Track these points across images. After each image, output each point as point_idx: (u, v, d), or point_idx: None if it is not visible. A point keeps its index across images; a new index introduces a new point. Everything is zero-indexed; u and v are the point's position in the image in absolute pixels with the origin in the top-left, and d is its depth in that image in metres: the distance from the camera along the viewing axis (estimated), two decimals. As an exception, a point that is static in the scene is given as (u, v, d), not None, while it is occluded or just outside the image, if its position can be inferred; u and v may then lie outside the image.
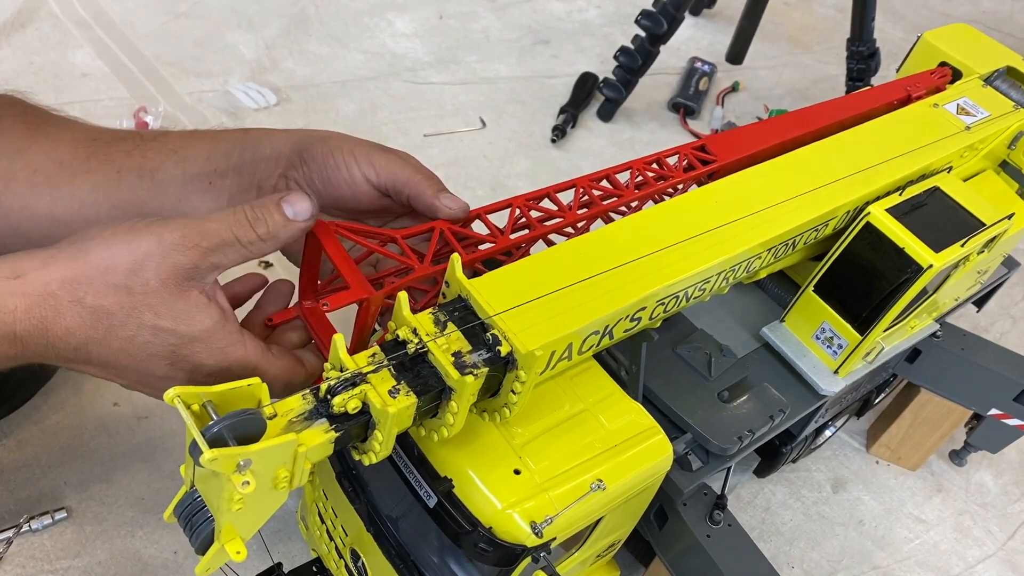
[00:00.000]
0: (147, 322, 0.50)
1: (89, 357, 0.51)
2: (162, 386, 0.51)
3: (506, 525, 0.53)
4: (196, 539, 0.48)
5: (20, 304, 0.48)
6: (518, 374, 0.51)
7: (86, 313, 0.49)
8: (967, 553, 0.95)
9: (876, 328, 0.72)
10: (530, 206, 0.64)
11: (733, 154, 0.73)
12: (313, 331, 0.59)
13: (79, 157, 0.61)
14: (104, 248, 0.50)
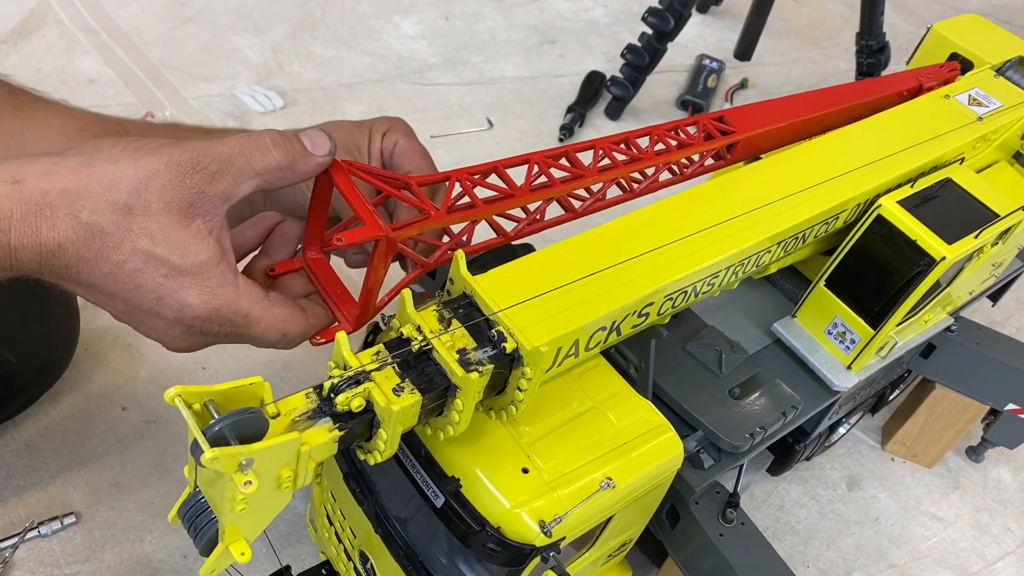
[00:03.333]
0: (140, 247, 0.47)
1: (79, 277, 0.49)
2: (148, 322, 0.51)
3: (515, 525, 0.53)
4: (200, 541, 0.47)
5: (16, 211, 0.45)
6: (524, 371, 0.50)
7: (80, 229, 0.46)
8: (986, 551, 0.94)
9: (889, 322, 0.71)
10: (549, 163, 0.61)
11: (751, 126, 0.71)
12: (317, 282, 0.57)
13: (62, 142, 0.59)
14: (110, 163, 0.47)
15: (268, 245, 0.59)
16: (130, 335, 0.90)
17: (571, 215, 0.63)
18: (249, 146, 0.50)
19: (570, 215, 0.63)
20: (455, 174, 0.58)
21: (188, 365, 0.89)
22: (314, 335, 0.57)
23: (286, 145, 0.51)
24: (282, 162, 0.51)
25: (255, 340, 0.54)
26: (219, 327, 0.52)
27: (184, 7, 1.34)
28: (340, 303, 0.57)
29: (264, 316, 0.53)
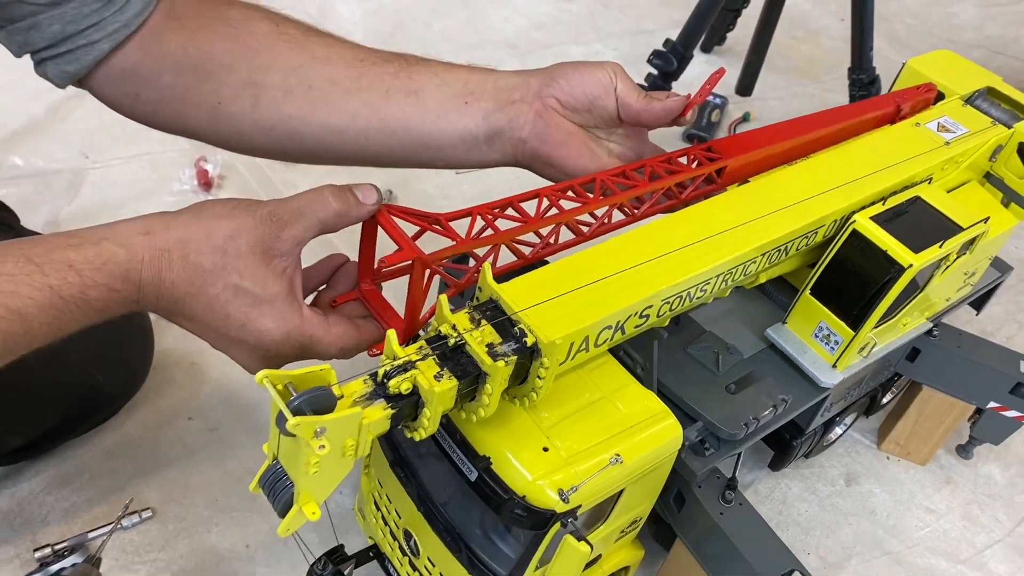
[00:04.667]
0: (232, 281, 0.59)
1: (183, 310, 0.60)
2: (234, 350, 0.63)
3: (537, 494, 0.62)
4: (278, 504, 0.57)
5: (147, 255, 0.58)
6: (542, 361, 0.60)
7: (188, 268, 0.58)
8: (976, 539, 1.01)
9: (867, 324, 0.80)
10: (557, 195, 0.72)
11: (736, 152, 0.80)
12: (371, 307, 0.69)
13: (351, 76, 0.72)
14: (212, 219, 0.60)
15: (334, 280, 0.71)
16: (193, 355, 1.01)
17: (580, 239, 0.74)
18: (313, 200, 0.62)
19: (579, 239, 0.74)
20: (476, 209, 0.69)
21: (245, 380, 1.00)
22: (370, 348, 0.68)
23: (342, 197, 0.63)
24: (340, 211, 0.63)
25: (320, 355, 0.65)
26: (289, 348, 0.63)
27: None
28: (390, 321, 0.69)
29: (325, 336, 0.64)
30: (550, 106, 0.75)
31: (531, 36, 1.71)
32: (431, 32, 1.66)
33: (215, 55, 0.71)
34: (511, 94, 0.74)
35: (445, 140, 0.75)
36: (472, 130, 0.75)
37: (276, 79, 0.71)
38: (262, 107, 0.72)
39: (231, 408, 0.97)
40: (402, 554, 0.76)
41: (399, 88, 0.73)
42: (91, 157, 1.24)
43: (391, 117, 0.73)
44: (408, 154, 0.76)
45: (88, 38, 0.68)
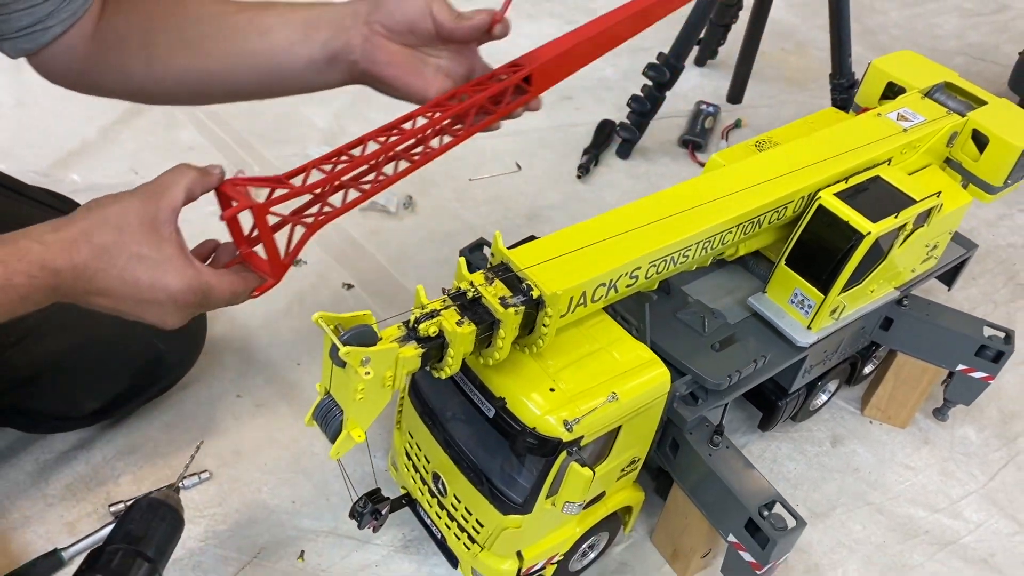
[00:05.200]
0: (133, 251, 0.69)
1: (98, 286, 0.69)
2: (150, 309, 0.72)
3: (546, 426, 0.73)
4: (329, 431, 0.68)
5: (58, 246, 0.67)
6: (547, 311, 0.72)
7: (95, 249, 0.68)
8: (951, 491, 1.11)
9: (835, 288, 0.91)
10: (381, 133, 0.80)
11: (540, 58, 0.88)
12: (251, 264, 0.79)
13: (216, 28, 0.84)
14: (103, 206, 0.70)
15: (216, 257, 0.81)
16: (240, 341, 1.13)
17: (415, 165, 0.81)
18: (175, 172, 0.74)
19: (414, 166, 0.81)
20: (310, 164, 0.78)
21: (287, 363, 1.11)
22: (252, 293, 0.78)
23: (192, 174, 0.74)
24: (197, 177, 0.73)
25: (219, 303, 0.76)
26: (193, 297, 0.73)
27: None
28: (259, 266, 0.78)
29: (218, 284, 0.74)
30: (376, 31, 0.84)
31: (536, 56, 1.83)
32: (443, 55, 1.79)
33: (116, 25, 0.84)
34: (343, 21, 0.84)
35: (295, 68, 0.86)
36: (315, 57, 0.85)
37: (161, 39, 0.84)
38: (154, 64, 0.85)
39: (275, 387, 1.09)
40: (431, 496, 0.87)
41: (255, 29, 0.84)
42: (139, 172, 1.37)
43: (249, 54, 0.85)
44: (271, 84, 0.88)
45: (45, 24, 0.80)
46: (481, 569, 0.84)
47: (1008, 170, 1.05)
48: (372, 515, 0.84)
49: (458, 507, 0.83)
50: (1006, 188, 1.08)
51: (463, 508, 0.83)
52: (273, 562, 0.91)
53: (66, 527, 0.91)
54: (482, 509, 0.80)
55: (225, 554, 0.91)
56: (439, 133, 0.82)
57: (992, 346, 1.06)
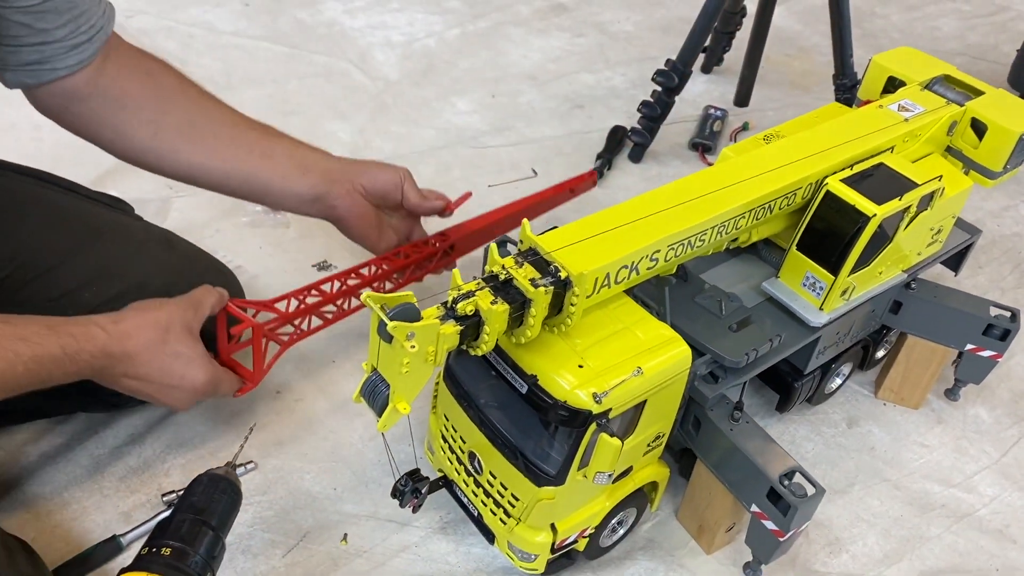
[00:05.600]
0: (172, 349, 0.87)
1: (137, 373, 0.86)
2: (172, 394, 0.90)
3: (576, 399, 0.78)
4: (376, 405, 0.73)
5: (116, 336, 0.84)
6: (574, 291, 0.77)
7: (144, 342, 0.86)
8: (965, 468, 1.15)
9: (844, 269, 0.95)
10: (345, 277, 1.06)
11: (462, 234, 1.17)
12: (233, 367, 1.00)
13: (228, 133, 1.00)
14: (153, 310, 0.88)
15: None
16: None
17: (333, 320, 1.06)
18: (205, 294, 0.95)
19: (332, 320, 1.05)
20: (291, 294, 1.02)
21: (322, 362, 1.17)
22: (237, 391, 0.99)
23: (217, 294, 0.96)
24: (216, 302, 0.95)
25: (222, 393, 0.95)
26: (209, 388, 0.92)
27: (284, 104, 1.67)
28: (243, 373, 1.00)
29: (225, 379, 0.95)
30: (357, 189, 1.05)
31: (547, 68, 1.90)
32: (458, 70, 1.85)
33: (132, 93, 0.95)
34: (333, 175, 1.04)
35: (283, 194, 1.03)
36: (303, 193, 1.03)
37: (172, 120, 0.97)
38: (159, 139, 0.97)
39: (312, 383, 1.14)
40: (467, 475, 0.92)
41: (260, 151, 1.01)
42: (174, 188, 1.43)
43: (250, 169, 1.00)
44: (254, 195, 1.04)
45: (51, 65, 0.89)
46: (517, 542, 0.89)
47: (1007, 155, 1.10)
48: (412, 493, 0.89)
49: (494, 483, 0.88)
50: (1006, 173, 1.13)
51: (499, 484, 0.87)
52: (318, 544, 0.96)
53: (122, 516, 0.96)
54: (517, 483, 0.85)
55: (273, 538, 0.96)
56: (384, 278, 1.10)
57: (999, 324, 1.10)
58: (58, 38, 0.87)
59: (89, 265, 0.97)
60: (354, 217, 1.06)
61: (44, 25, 0.86)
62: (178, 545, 0.68)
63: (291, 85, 1.73)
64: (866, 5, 2.33)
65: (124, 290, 0.96)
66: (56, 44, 0.88)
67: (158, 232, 1.09)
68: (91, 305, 0.92)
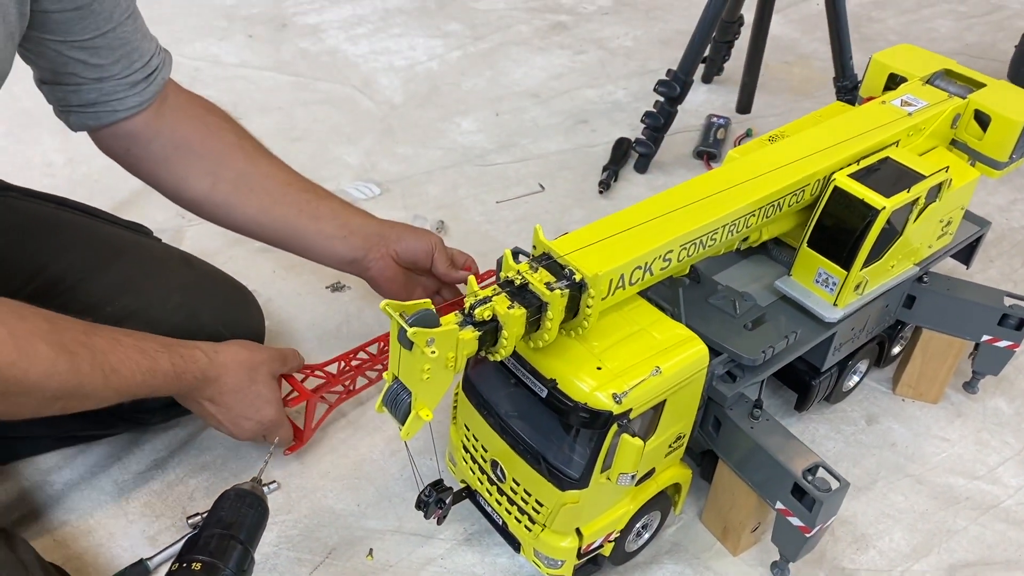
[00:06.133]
0: (258, 390, 0.96)
1: (222, 400, 0.94)
2: (242, 424, 0.97)
3: (596, 401, 0.78)
4: (399, 413, 0.74)
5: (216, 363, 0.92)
6: (589, 292, 0.77)
7: (237, 377, 0.94)
8: (988, 459, 1.14)
9: (856, 263, 0.96)
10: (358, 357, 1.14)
11: None
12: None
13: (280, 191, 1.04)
14: (251, 350, 0.97)
15: None
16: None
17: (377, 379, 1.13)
18: (290, 353, 1.03)
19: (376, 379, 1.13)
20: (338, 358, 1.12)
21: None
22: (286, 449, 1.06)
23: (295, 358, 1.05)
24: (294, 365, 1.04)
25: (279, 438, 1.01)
26: (271, 427, 0.99)
27: (292, 130, 1.69)
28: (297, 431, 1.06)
29: (285, 427, 1.02)
30: (391, 255, 1.09)
31: (550, 85, 1.92)
32: (461, 91, 1.87)
33: (192, 143, 0.99)
34: (373, 239, 1.08)
35: (324, 253, 1.09)
36: (343, 255, 1.08)
37: (229, 175, 1.01)
38: (216, 191, 1.01)
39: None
40: (490, 484, 0.92)
41: (308, 212, 1.05)
42: (186, 218, 1.45)
43: (297, 228, 1.05)
44: (298, 250, 1.09)
45: (111, 106, 0.92)
46: (543, 549, 0.89)
47: (1012, 145, 1.10)
48: (437, 504, 0.89)
49: (517, 490, 0.88)
50: (1012, 164, 1.13)
51: (522, 490, 0.88)
52: (344, 561, 0.96)
53: (148, 540, 0.97)
54: (541, 488, 0.85)
55: (299, 556, 0.96)
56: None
57: (1013, 314, 1.10)
58: (114, 74, 0.90)
59: (111, 281, 1.00)
60: (384, 280, 1.11)
61: (99, 60, 0.89)
62: (208, 560, 0.69)
63: (297, 112, 1.75)
64: (862, 10, 2.35)
65: (145, 305, 0.99)
66: (114, 81, 0.91)
67: (177, 252, 1.12)
68: (114, 319, 0.94)
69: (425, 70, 1.94)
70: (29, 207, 1.03)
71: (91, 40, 0.87)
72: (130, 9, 0.91)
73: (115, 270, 1.01)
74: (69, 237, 1.01)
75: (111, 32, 0.88)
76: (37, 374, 0.74)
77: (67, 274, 0.98)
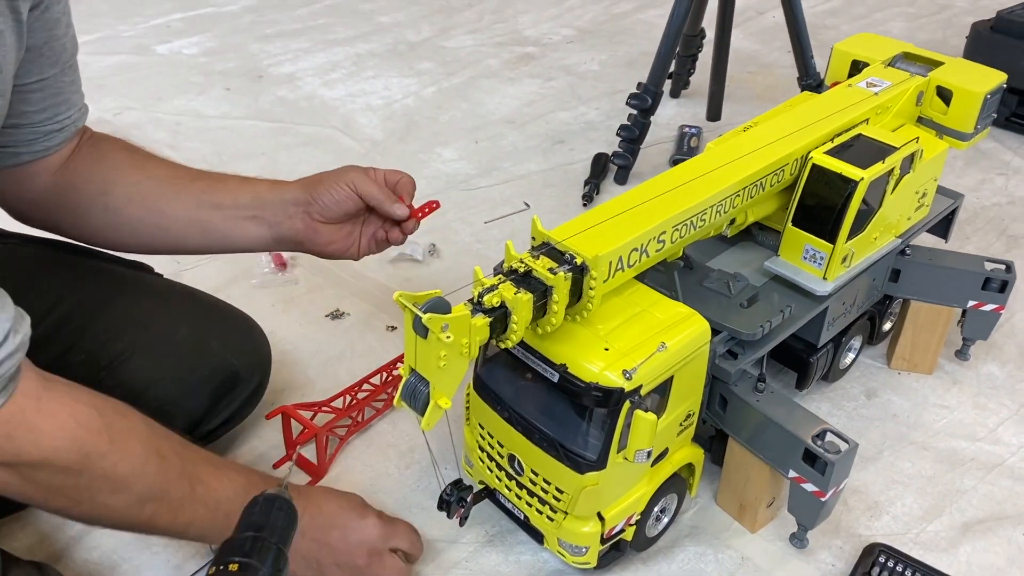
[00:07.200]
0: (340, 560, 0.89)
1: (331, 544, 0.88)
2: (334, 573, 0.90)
3: (607, 380, 0.81)
4: (418, 405, 0.76)
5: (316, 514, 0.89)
6: (592, 274, 0.80)
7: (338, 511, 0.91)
8: (987, 421, 1.17)
9: (841, 235, 0.99)
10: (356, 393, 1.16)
11: None
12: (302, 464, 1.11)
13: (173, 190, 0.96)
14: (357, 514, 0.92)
15: None
16: (301, 387, 1.20)
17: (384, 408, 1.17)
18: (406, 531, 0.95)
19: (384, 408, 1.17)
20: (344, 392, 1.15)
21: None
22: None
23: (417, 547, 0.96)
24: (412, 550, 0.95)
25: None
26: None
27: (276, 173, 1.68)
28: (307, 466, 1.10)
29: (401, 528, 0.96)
30: (316, 219, 0.98)
31: (524, 111, 1.97)
32: (439, 123, 1.92)
33: (80, 170, 0.93)
34: (287, 209, 0.97)
35: (241, 240, 1.00)
36: (263, 235, 0.99)
37: (121, 191, 0.95)
38: (111, 211, 0.95)
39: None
40: (508, 479, 0.93)
41: (206, 202, 0.97)
42: (181, 263, 1.47)
43: (200, 220, 0.97)
44: (218, 247, 1.01)
45: (17, 151, 0.88)
46: (566, 537, 0.90)
47: (976, 116, 1.15)
48: (459, 503, 0.91)
49: (537, 481, 0.90)
50: (977, 135, 1.18)
51: (541, 480, 0.89)
52: (370, 572, 0.97)
53: (173, 569, 0.97)
54: (560, 475, 0.87)
55: (325, 571, 0.97)
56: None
57: (996, 277, 1.14)
58: (34, 122, 0.87)
59: (117, 317, 1.00)
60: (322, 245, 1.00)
61: (26, 108, 0.85)
62: (244, 560, 0.69)
63: (281, 155, 1.78)
64: (816, 19, 2.43)
65: (153, 339, 1.00)
66: (29, 129, 0.87)
67: (180, 286, 1.13)
68: (124, 354, 0.95)
69: (402, 107, 1.99)
70: (31, 252, 1.04)
71: (27, 85, 0.83)
72: (71, 57, 0.88)
73: (121, 306, 1.02)
74: (73, 278, 1.02)
75: (49, 79, 0.85)
76: (126, 470, 0.75)
77: (74, 313, 0.99)
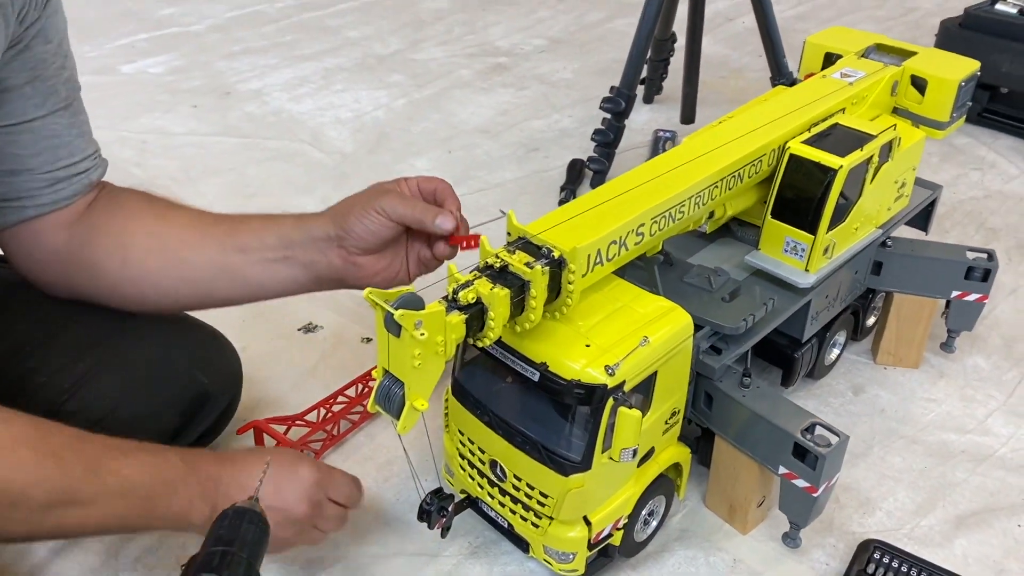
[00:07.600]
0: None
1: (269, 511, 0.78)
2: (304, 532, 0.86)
3: (589, 376, 0.78)
4: (393, 408, 0.73)
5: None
6: (570, 268, 0.78)
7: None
8: (976, 413, 1.15)
9: (821, 226, 0.97)
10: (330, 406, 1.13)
11: None
12: None
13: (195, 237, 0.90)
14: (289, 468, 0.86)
15: None
16: (274, 404, 1.17)
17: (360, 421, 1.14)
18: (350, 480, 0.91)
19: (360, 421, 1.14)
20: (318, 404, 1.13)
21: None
22: None
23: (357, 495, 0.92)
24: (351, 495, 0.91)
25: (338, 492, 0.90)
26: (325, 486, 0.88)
27: (246, 188, 1.69)
28: None
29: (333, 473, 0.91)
30: (353, 253, 0.89)
31: (497, 120, 1.95)
32: (411, 134, 1.89)
33: (95, 223, 0.88)
34: (318, 244, 0.89)
35: (276, 286, 0.92)
36: (297, 278, 0.91)
37: (139, 241, 0.88)
38: (129, 264, 0.88)
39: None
40: (491, 486, 0.90)
41: (230, 246, 0.89)
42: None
43: (229, 269, 0.89)
44: (250, 296, 0.93)
45: (21, 203, 0.84)
46: (552, 543, 0.87)
47: (951, 104, 1.14)
48: (439, 512, 0.87)
49: (520, 486, 0.86)
50: (953, 123, 1.17)
51: (525, 485, 0.86)
52: (350, 589, 0.93)
53: (143, 595, 0.93)
54: (544, 478, 0.84)
55: (302, 589, 0.93)
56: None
57: (978, 266, 1.13)
58: (32, 167, 0.82)
59: (79, 337, 0.93)
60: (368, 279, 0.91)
61: (16, 151, 0.81)
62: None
63: (250, 170, 1.75)
64: (786, 23, 2.42)
65: (118, 360, 0.93)
66: (29, 175, 0.83)
67: None
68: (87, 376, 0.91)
69: (372, 119, 1.96)
70: None
71: (12, 127, 0.80)
72: (67, 100, 0.84)
73: (81, 326, 0.95)
74: (28, 298, 0.95)
75: (38, 120, 0.81)
76: (21, 482, 0.69)
77: (33, 335, 0.95)
